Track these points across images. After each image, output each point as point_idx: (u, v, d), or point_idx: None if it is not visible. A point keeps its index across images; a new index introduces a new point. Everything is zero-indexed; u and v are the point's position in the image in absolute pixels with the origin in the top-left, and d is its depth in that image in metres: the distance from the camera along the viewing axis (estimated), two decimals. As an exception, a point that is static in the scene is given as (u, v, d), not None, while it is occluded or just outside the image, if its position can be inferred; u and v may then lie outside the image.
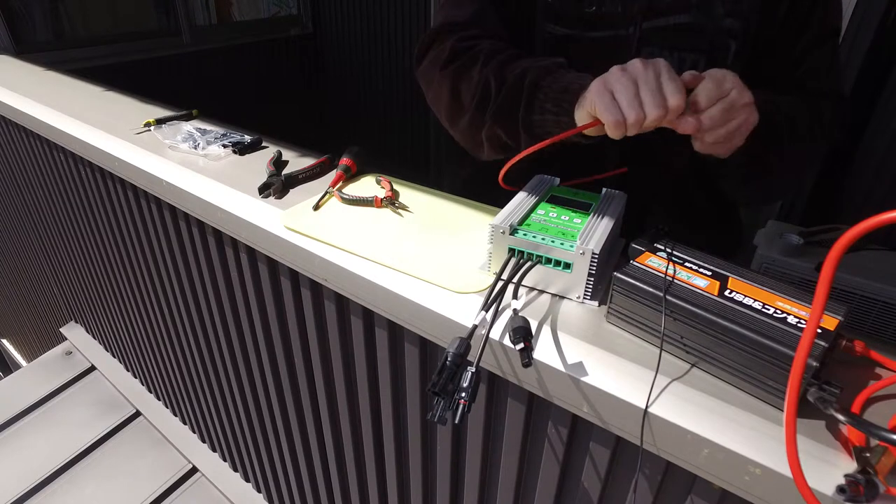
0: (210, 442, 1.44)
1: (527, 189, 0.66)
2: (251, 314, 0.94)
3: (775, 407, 0.44)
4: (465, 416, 0.44)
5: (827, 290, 0.31)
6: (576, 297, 0.56)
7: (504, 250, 0.57)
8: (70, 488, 1.41)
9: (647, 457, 0.49)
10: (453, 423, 0.44)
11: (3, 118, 1.40)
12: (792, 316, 0.45)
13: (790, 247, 1.27)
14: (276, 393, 1.01)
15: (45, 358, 1.81)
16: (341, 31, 3.04)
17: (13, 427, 1.58)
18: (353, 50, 3.04)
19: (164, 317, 1.24)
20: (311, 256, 0.69)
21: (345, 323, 0.77)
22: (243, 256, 0.87)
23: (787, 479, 0.38)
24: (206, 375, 1.22)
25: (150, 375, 1.55)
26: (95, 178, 1.16)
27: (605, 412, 0.49)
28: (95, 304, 1.60)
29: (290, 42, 3.02)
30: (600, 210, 0.61)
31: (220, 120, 1.09)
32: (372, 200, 0.75)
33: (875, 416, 0.43)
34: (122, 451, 1.51)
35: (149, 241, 1.11)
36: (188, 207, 0.88)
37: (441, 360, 0.47)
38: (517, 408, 0.60)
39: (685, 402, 0.45)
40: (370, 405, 0.81)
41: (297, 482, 1.16)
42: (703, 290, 0.49)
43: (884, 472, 0.37)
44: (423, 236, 0.69)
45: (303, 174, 0.84)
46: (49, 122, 1.13)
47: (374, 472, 0.90)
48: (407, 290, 0.60)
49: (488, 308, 0.52)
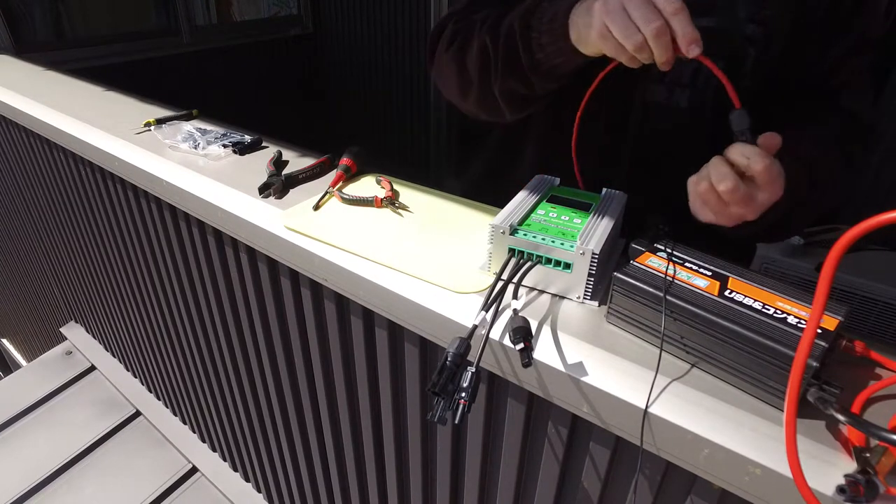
0: (210, 442, 1.44)
1: (527, 189, 0.66)
2: (251, 314, 0.94)
3: (775, 407, 0.44)
4: (465, 416, 0.44)
5: (827, 290, 0.31)
6: (576, 297, 0.56)
7: (504, 250, 0.57)
8: (70, 488, 1.41)
9: (647, 457, 0.49)
10: (453, 423, 0.44)
11: (3, 118, 1.40)
12: (792, 316, 0.45)
13: (790, 247, 1.27)
14: (276, 393, 1.01)
15: (45, 358, 1.81)
16: (341, 31, 3.04)
17: (13, 427, 1.58)
18: (354, 50, 3.04)
19: (164, 317, 1.24)
20: (311, 256, 0.69)
21: (345, 323, 0.77)
22: (243, 256, 0.87)
23: (787, 479, 0.38)
24: (206, 375, 1.22)
25: (150, 375, 1.55)
26: (95, 178, 1.16)
27: (605, 412, 0.49)
28: (95, 304, 1.60)
29: (290, 42, 3.02)
30: (600, 210, 0.61)
31: (220, 120, 1.09)
32: (372, 200, 0.75)
33: (875, 417, 0.43)
34: (122, 451, 1.51)
35: (149, 241, 1.11)
36: (188, 207, 0.88)
37: (441, 360, 0.47)
38: (517, 408, 0.60)
39: (685, 402, 0.45)
40: (370, 405, 0.81)
41: (297, 482, 1.16)
42: (703, 290, 0.49)
43: (884, 473, 0.37)
44: (423, 236, 0.69)
45: (303, 174, 0.84)
46: (49, 122, 1.13)
47: (374, 472, 0.90)
48: (407, 290, 0.60)
49: (488, 308, 0.52)
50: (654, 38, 0.48)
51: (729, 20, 0.65)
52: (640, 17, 0.49)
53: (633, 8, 0.49)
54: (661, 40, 0.48)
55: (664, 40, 0.48)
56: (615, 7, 0.50)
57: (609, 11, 0.50)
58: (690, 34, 0.48)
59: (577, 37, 0.56)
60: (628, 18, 0.49)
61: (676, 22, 0.48)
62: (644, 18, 0.48)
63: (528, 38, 0.61)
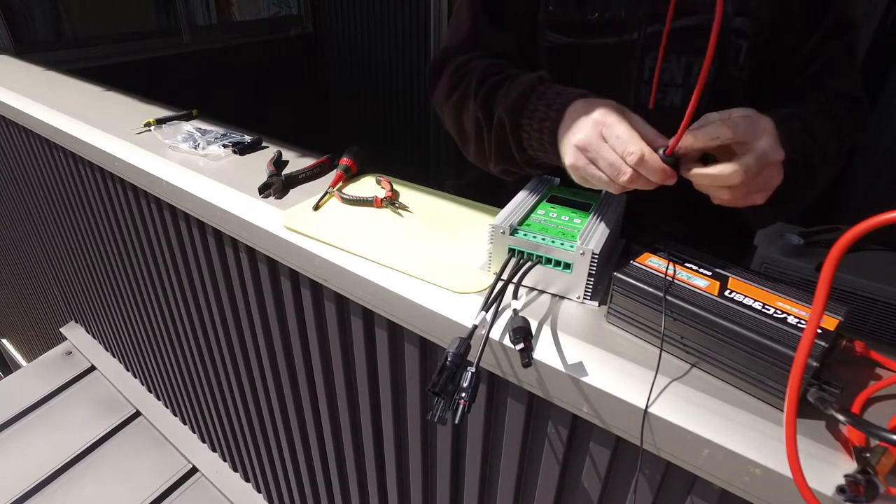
0: (210, 442, 1.44)
1: (527, 189, 0.66)
2: (251, 314, 0.94)
3: (775, 407, 0.44)
4: (465, 416, 0.44)
5: (827, 290, 0.31)
6: (576, 297, 0.56)
7: (504, 250, 0.57)
8: (70, 488, 1.41)
9: (647, 457, 0.49)
10: (453, 423, 0.44)
11: (3, 118, 1.40)
12: (792, 316, 0.45)
13: (790, 247, 1.27)
14: (276, 393, 1.01)
15: (45, 358, 1.81)
16: (341, 30, 3.04)
17: (13, 427, 1.58)
18: (354, 50, 3.04)
19: (164, 317, 1.24)
20: (311, 256, 0.69)
21: (345, 323, 0.77)
22: (243, 256, 0.87)
23: (787, 480, 0.38)
24: (206, 375, 1.22)
25: (150, 375, 1.55)
26: (95, 178, 1.16)
27: (605, 412, 0.49)
28: (95, 304, 1.60)
29: (290, 42, 3.02)
30: (600, 210, 0.61)
31: (220, 120, 1.09)
32: (372, 200, 0.75)
33: (875, 416, 0.43)
34: (122, 451, 1.51)
35: (149, 241, 1.11)
36: (188, 207, 0.88)
37: (441, 360, 0.47)
38: (517, 408, 0.60)
39: (685, 402, 0.45)
40: (370, 405, 0.81)
41: (297, 482, 1.16)
42: (703, 290, 0.49)
43: (884, 473, 0.37)
44: (423, 236, 0.69)
45: (303, 174, 0.84)
46: (49, 122, 1.13)
47: (374, 472, 0.90)
48: (407, 290, 0.60)
49: (488, 308, 0.52)
50: (632, 183, 0.50)
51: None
52: (604, 169, 0.50)
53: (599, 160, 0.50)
54: (640, 181, 0.49)
55: (642, 180, 0.49)
56: (583, 167, 0.52)
57: (582, 175, 0.53)
58: (661, 178, 0.49)
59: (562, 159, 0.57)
60: (602, 173, 0.51)
61: (644, 170, 0.49)
62: (610, 169, 0.50)
63: (518, 137, 0.62)
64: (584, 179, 0.54)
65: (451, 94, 0.72)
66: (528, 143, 0.61)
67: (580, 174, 0.53)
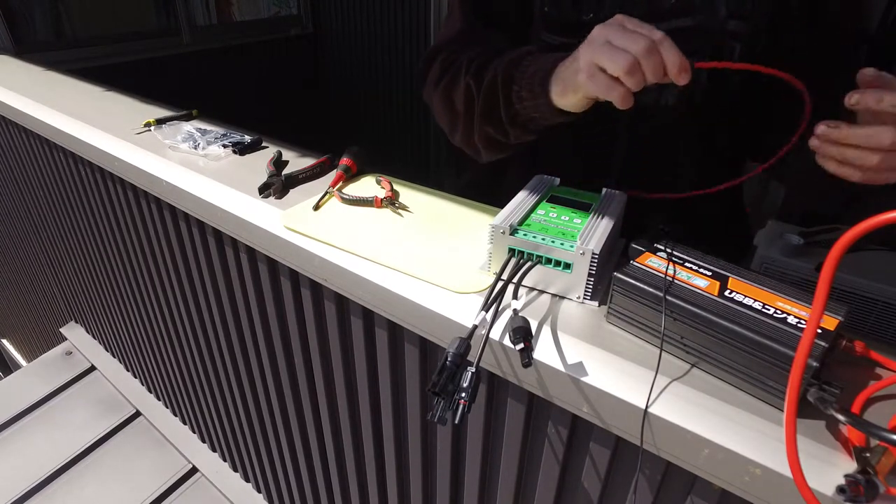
0: (210, 442, 1.44)
1: (527, 189, 0.66)
2: (251, 314, 0.94)
3: (775, 407, 0.44)
4: (465, 416, 0.44)
5: (827, 290, 0.31)
6: (576, 297, 0.56)
7: (504, 250, 0.57)
8: (70, 488, 1.41)
9: (647, 457, 0.49)
10: (453, 423, 0.44)
11: (3, 118, 1.40)
12: (792, 316, 0.45)
13: (790, 247, 1.27)
14: (276, 393, 1.01)
15: (45, 358, 1.81)
16: (341, 31, 3.04)
17: (13, 427, 1.58)
18: (354, 50, 3.04)
19: (164, 317, 1.24)
20: (311, 256, 0.69)
21: (345, 323, 0.77)
22: (243, 256, 0.87)
23: (787, 480, 0.38)
24: (206, 375, 1.22)
25: (150, 375, 1.55)
26: (95, 178, 1.16)
27: (605, 412, 0.49)
28: (95, 304, 1.60)
29: (290, 42, 3.02)
30: (600, 210, 0.61)
31: (220, 120, 1.09)
32: (372, 200, 0.75)
33: (875, 416, 0.43)
34: (122, 451, 1.51)
35: (149, 241, 1.11)
36: (188, 207, 0.88)
37: (441, 361, 0.47)
38: (517, 408, 0.60)
39: (685, 402, 0.45)
40: (370, 405, 0.81)
41: (297, 482, 1.16)
42: (703, 290, 0.49)
43: (884, 473, 0.37)
44: (423, 236, 0.69)
45: (303, 174, 0.84)
46: (49, 122, 1.13)
47: (374, 472, 0.90)
48: (407, 290, 0.60)
49: (488, 308, 0.52)
50: (646, 56, 0.48)
51: (710, 18, 0.66)
52: (627, 41, 0.49)
53: (617, 38, 0.49)
54: (652, 58, 0.48)
55: (655, 59, 0.48)
56: (600, 41, 0.51)
57: (595, 48, 0.51)
58: (680, 62, 0.48)
59: (563, 89, 0.57)
60: (615, 47, 0.50)
61: (664, 49, 0.48)
62: (631, 40, 0.49)
63: (508, 90, 0.62)
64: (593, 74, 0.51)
65: (442, 77, 0.72)
66: (518, 95, 0.61)
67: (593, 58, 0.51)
